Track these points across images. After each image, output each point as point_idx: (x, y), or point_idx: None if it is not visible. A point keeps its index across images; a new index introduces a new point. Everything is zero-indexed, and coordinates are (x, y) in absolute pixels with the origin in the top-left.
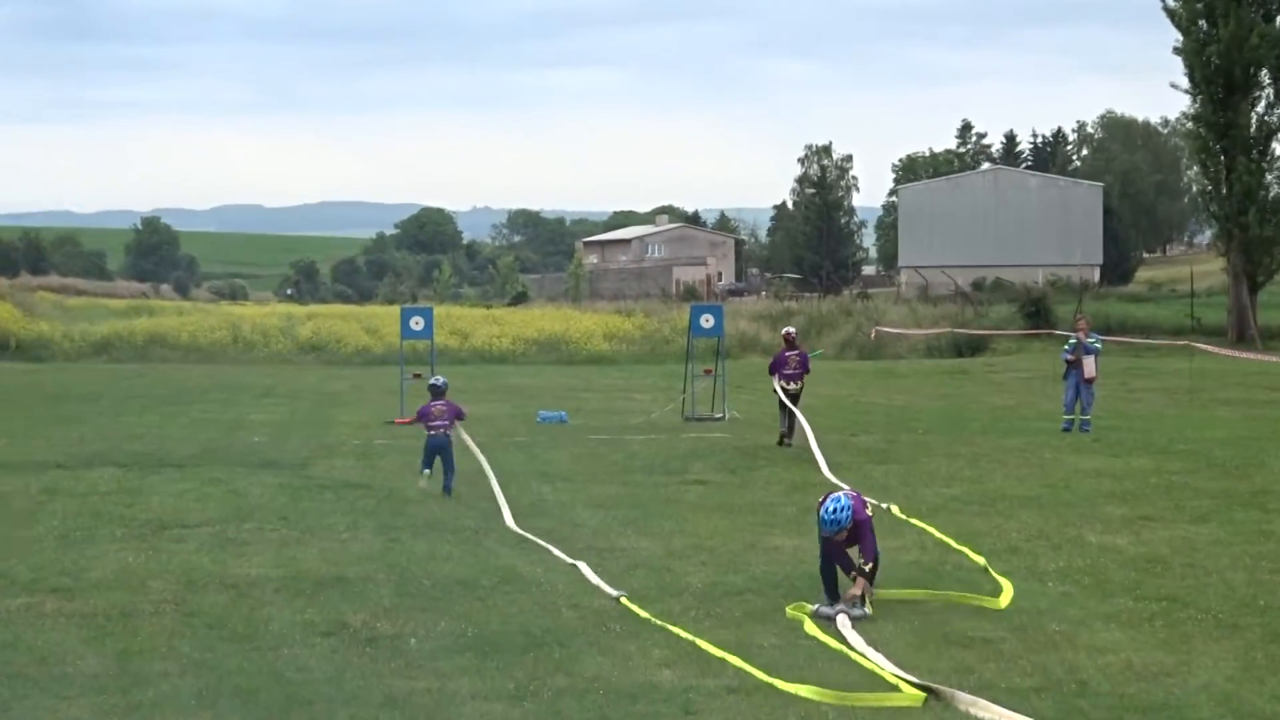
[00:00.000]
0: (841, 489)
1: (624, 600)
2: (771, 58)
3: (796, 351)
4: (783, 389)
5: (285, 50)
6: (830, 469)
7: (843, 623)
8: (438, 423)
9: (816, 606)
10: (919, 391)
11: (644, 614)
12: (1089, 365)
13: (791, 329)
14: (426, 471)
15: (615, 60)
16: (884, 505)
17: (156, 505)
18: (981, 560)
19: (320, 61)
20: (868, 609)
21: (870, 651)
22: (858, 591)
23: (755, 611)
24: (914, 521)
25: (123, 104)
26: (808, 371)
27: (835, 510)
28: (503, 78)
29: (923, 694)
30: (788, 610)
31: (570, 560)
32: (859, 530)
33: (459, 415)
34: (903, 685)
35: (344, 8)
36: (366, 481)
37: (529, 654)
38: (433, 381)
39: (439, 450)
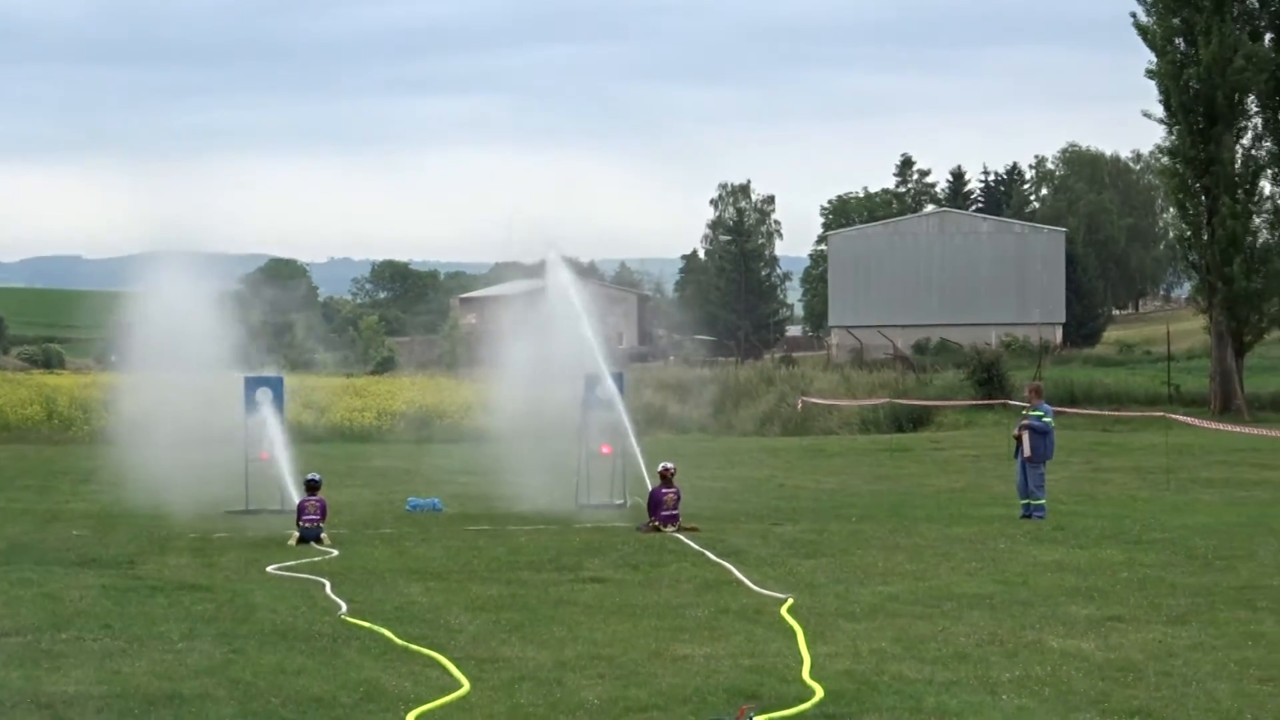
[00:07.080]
0: None
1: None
2: (674, 83)
3: (674, 489)
4: (656, 529)
5: (100, 74)
6: (741, 567)
7: None
8: (311, 516)
9: None
10: (852, 472)
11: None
12: (1025, 442)
13: (670, 465)
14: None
15: (496, 86)
16: (783, 596)
17: None
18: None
19: (144, 87)
20: None
21: None
22: None
23: None
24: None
25: None
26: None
27: None
28: (364, 107)
29: None
30: None
31: (340, 604)
32: None
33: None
34: None
35: (169, 19)
36: (205, 582)
37: None
38: (310, 477)
39: (310, 540)
